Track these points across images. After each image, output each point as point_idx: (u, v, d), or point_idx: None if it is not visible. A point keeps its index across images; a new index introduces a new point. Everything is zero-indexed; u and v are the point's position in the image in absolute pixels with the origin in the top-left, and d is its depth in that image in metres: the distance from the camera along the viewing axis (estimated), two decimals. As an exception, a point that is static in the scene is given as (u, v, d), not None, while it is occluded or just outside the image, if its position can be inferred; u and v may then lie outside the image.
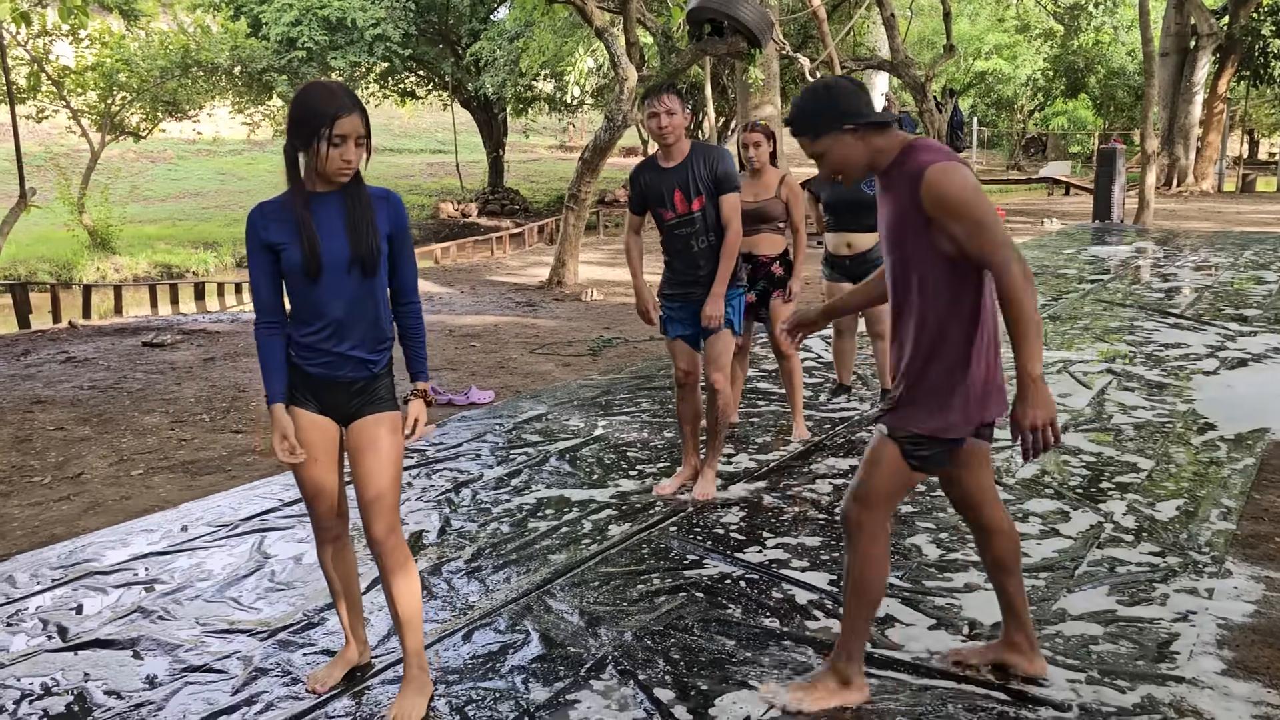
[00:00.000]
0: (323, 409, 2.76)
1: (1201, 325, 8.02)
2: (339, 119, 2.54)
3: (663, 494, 4.49)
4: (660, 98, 4.10)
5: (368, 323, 2.70)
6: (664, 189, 4.22)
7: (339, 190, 2.66)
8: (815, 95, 2.59)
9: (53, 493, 4.77)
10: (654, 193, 4.26)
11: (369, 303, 2.70)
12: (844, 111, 2.55)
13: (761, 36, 10.72)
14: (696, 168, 4.18)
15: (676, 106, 4.11)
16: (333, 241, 2.63)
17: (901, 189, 2.55)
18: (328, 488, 2.83)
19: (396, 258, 2.75)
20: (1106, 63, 33.60)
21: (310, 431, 2.75)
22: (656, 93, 4.11)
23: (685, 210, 4.21)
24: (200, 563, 3.88)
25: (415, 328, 2.83)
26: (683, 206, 4.21)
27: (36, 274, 17.92)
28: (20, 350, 8.43)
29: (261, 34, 22.90)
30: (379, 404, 2.76)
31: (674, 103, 4.11)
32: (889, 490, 2.68)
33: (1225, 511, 4.15)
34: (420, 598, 2.86)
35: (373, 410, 2.75)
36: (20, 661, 3.14)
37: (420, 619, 2.86)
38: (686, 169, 4.18)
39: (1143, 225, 16.33)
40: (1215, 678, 2.90)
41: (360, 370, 2.72)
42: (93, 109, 20.70)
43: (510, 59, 23.10)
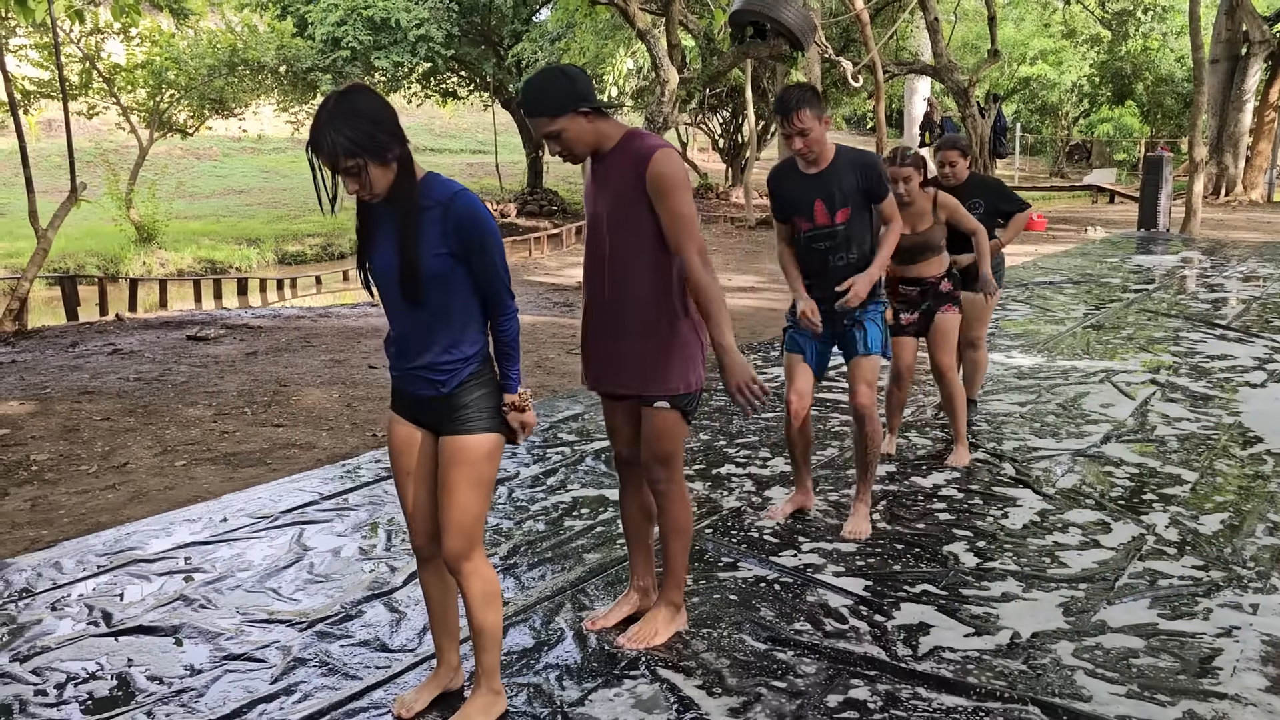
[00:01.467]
0: (416, 420, 2.67)
1: (1249, 337, 7.88)
2: (316, 153, 2.41)
3: (774, 518, 4.20)
4: (791, 119, 3.66)
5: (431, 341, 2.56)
6: (804, 198, 3.84)
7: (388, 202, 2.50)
8: (555, 78, 2.79)
9: (99, 481, 4.86)
10: (792, 203, 3.88)
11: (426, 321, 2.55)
12: (580, 95, 2.77)
13: (804, 39, 10.69)
14: (843, 176, 3.79)
15: (810, 121, 3.67)
16: (385, 256, 2.53)
17: (626, 169, 2.83)
18: (417, 503, 2.71)
19: (472, 267, 2.53)
20: (1155, 69, 33.11)
21: (399, 441, 2.68)
22: (786, 113, 3.67)
23: (827, 222, 3.82)
24: (241, 553, 3.93)
25: (502, 336, 2.63)
26: (824, 218, 3.82)
27: (85, 267, 18.24)
28: (69, 342, 8.60)
29: (307, 34, 23.16)
30: (457, 424, 2.59)
31: (807, 119, 3.66)
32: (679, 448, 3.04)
33: (1271, 526, 4.07)
34: (497, 618, 2.69)
35: (450, 430, 2.60)
36: (66, 645, 3.21)
37: (493, 638, 2.71)
38: (832, 177, 3.79)
39: (1189, 235, 16.07)
40: (1259, 694, 2.85)
41: (427, 389, 2.60)
42: (142, 106, 21.05)
43: (552, 60, 23.19)
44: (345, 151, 2.38)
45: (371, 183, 2.43)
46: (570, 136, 2.81)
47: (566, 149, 2.84)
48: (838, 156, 3.81)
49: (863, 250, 3.87)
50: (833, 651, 3.10)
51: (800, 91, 3.69)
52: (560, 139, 2.81)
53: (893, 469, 4.83)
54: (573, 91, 2.77)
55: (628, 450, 3.16)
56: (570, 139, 2.81)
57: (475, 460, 2.60)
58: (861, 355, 3.95)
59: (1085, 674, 2.96)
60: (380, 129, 2.41)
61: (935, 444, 5.21)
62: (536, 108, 2.78)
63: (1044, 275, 11.51)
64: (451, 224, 2.48)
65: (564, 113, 2.77)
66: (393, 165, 2.44)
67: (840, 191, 3.79)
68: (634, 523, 3.26)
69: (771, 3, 10.47)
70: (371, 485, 4.67)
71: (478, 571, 2.65)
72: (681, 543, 3.13)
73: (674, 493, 3.07)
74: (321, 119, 2.38)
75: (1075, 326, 8.39)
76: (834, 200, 3.80)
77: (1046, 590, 3.51)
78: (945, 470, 4.80)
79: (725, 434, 5.43)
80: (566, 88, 2.77)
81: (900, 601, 3.44)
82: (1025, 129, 35.00)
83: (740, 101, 23.48)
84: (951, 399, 4.91)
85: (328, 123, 2.37)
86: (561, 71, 2.80)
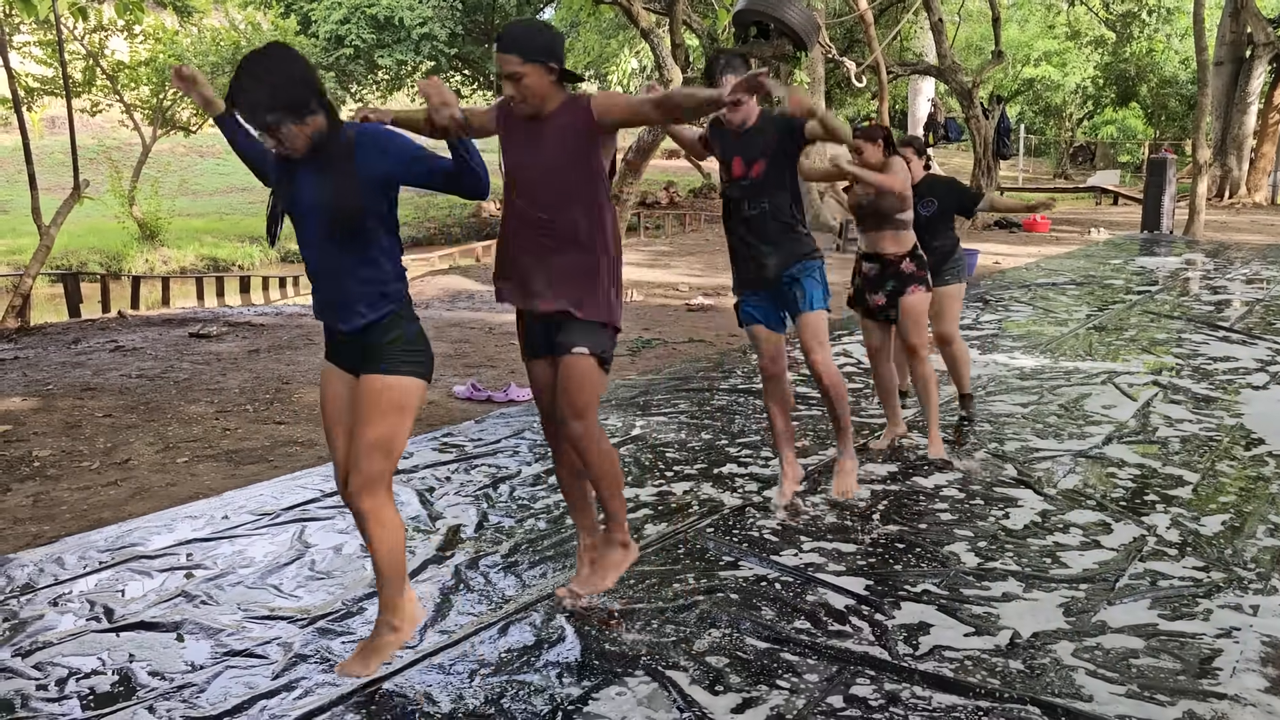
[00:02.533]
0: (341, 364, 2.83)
1: (1251, 339, 7.88)
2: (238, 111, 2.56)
3: (777, 506, 4.28)
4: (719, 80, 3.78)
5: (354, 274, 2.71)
6: (729, 153, 4.01)
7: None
8: (539, 28, 3.02)
9: (101, 478, 4.87)
10: (721, 155, 4.05)
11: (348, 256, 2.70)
12: (554, 53, 2.96)
13: (807, 39, 10.69)
14: (766, 131, 3.93)
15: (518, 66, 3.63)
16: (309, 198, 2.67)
17: (566, 127, 3.02)
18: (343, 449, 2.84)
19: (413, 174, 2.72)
20: (1159, 71, 33.08)
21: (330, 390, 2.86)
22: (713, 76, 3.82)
23: (743, 173, 3.97)
24: (242, 550, 3.94)
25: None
26: (741, 169, 3.98)
27: (87, 264, 18.28)
28: (71, 339, 8.61)
29: (310, 31, 23.21)
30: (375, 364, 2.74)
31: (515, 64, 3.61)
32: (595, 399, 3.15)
33: (1272, 528, 4.07)
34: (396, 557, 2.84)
35: (369, 370, 2.75)
36: (68, 641, 3.21)
37: (392, 576, 2.86)
38: (753, 133, 3.94)
39: (1192, 237, 16.06)
40: (1259, 695, 2.85)
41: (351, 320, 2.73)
42: (145, 103, 21.08)
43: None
44: (267, 107, 2.49)
45: (292, 137, 2.55)
46: (529, 83, 2.96)
47: (521, 95, 2.98)
48: (761, 116, 3.96)
49: (779, 202, 3.98)
50: (834, 651, 3.10)
51: (728, 57, 3.83)
52: (520, 82, 2.95)
53: (894, 469, 4.83)
54: (550, 46, 2.95)
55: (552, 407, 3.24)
56: (528, 85, 2.96)
57: (389, 399, 2.71)
58: (805, 313, 4.06)
59: (1085, 674, 2.96)
60: (296, 85, 2.51)
61: (937, 444, 5.21)
62: (513, 45, 2.93)
63: (1047, 276, 11.51)
64: (372, 152, 2.64)
65: (535, 60, 2.93)
66: (311, 120, 2.56)
67: (761, 146, 3.94)
68: (568, 486, 3.36)
69: (775, 3, 10.47)
70: (373, 483, 4.67)
71: (377, 513, 2.76)
72: (612, 488, 3.23)
73: (591, 442, 3.12)
74: (239, 81, 2.48)
75: (1078, 328, 8.39)
76: (750, 154, 3.96)
77: (1047, 590, 3.52)
78: (947, 471, 4.80)
79: (727, 433, 5.43)
80: (547, 40, 2.96)
81: (901, 601, 3.44)
82: (1029, 130, 34.96)
83: (743, 101, 23.45)
84: (924, 380, 4.92)
85: (245, 81, 2.48)
86: (546, 25, 2.99)
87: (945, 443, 5.10)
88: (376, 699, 2.88)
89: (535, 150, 3.08)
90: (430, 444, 5.30)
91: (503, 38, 2.94)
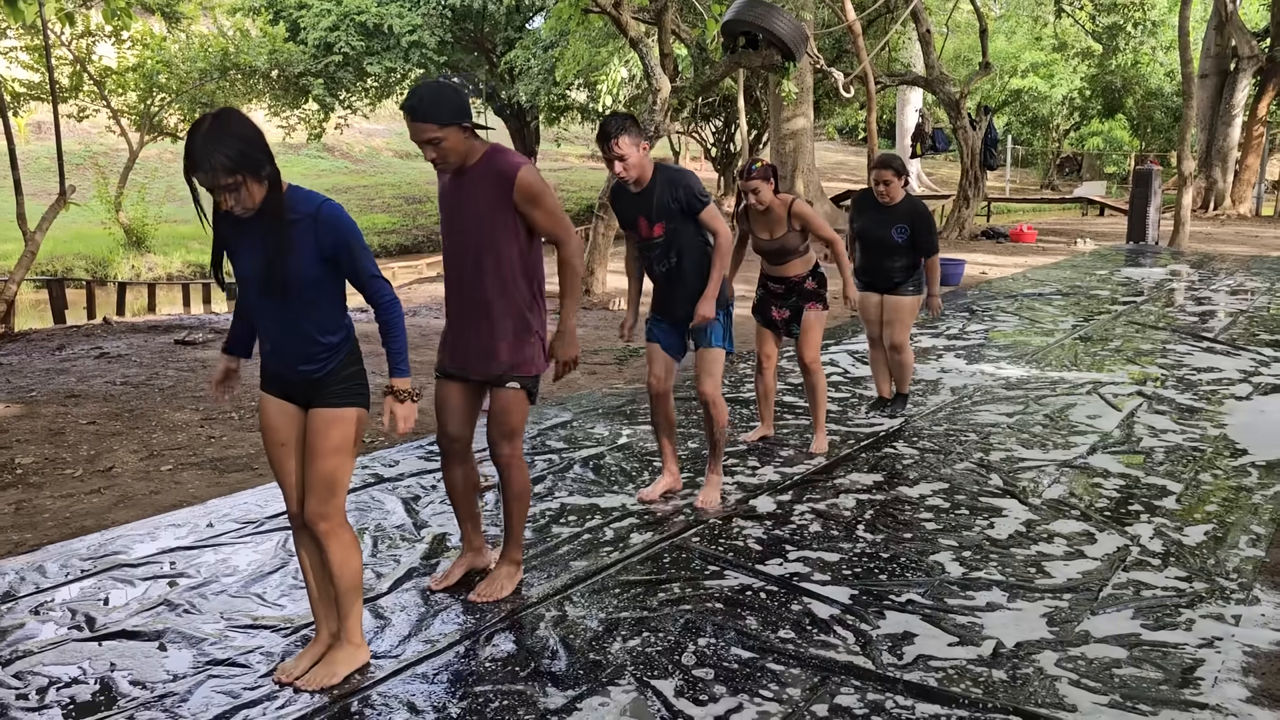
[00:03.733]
0: (288, 397, 2.94)
1: (1235, 350, 7.93)
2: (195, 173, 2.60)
3: (645, 499, 4.51)
4: (609, 145, 3.98)
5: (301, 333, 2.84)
6: (630, 214, 4.24)
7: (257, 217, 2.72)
8: (447, 91, 3.11)
9: (84, 485, 4.84)
10: (624, 218, 4.29)
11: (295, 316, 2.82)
12: (465, 112, 3.11)
13: (796, 50, 10.73)
14: (661, 194, 4.13)
15: (627, 148, 3.99)
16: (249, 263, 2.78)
17: (489, 182, 3.19)
18: (292, 473, 2.96)
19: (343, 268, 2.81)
20: (1144, 83, 33.31)
21: (271, 417, 2.96)
22: (605, 140, 3.99)
23: (648, 235, 4.21)
24: (226, 558, 3.92)
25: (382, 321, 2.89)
26: (645, 231, 4.21)
27: (73, 270, 18.18)
28: (55, 345, 8.56)
29: (300, 38, 23.16)
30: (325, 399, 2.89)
31: (624, 145, 3.99)
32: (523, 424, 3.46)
33: (1255, 538, 4.10)
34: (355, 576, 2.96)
35: (319, 404, 2.89)
36: (49, 650, 3.19)
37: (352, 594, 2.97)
38: (650, 195, 4.14)
39: (1178, 248, 16.16)
40: (1239, 705, 2.86)
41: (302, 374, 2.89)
42: (132, 109, 20.98)
43: (544, 68, 23.22)
44: (225, 169, 2.59)
45: (249, 197, 2.65)
46: (448, 146, 3.12)
47: (441, 157, 3.14)
48: (655, 175, 4.14)
49: (692, 254, 4.21)
50: (818, 660, 3.10)
51: (619, 120, 4.00)
52: (439, 146, 3.11)
53: (879, 479, 4.84)
54: (460, 107, 3.11)
55: (457, 428, 3.48)
56: (447, 148, 3.12)
57: (338, 430, 2.87)
58: (704, 348, 4.36)
59: (1069, 683, 2.97)
60: (253, 147, 2.62)
61: (923, 454, 5.23)
62: (426, 113, 3.07)
63: (1033, 287, 11.57)
64: (322, 233, 2.74)
65: (450, 124, 3.09)
66: (265, 181, 2.66)
67: (656, 208, 4.14)
68: (460, 492, 3.57)
69: (764, 13, 10.52)
70: (358, 491, 4.66)
71: (335, 533, 2.91)
72: (521, 507, 3.53)
73: (516, 463, 3.46)
74: (198, 142, 2.57)
75: (1064, 338, 8.43)
76: (651, 216, 4.17)
77: (1031, 600, 3.53)
78: (932, 480, 4.81)
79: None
80: (456, 102, 3.10)
81: (885, 610, 3.45)
82: (1016, 141, 35.17)
83: (733, 111, 23.54)
84: (814, 389, 5.30)
85: (206, 144, 2.57)
86: (450, 87, 3.13)
87: (930, 453, 5.16)
88: (359, 709, 2.86)
89: (460, 201, 3.27)
90: (416, 452, 5.28)
91: (415, 107, 3.07)
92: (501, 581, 3.56)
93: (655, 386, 4.43)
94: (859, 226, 5.80)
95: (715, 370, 4.37)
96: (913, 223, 5.63)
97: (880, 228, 5.65)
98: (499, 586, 3.55)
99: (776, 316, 5.29)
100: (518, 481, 3.48)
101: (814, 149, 19.76)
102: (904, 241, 5.63)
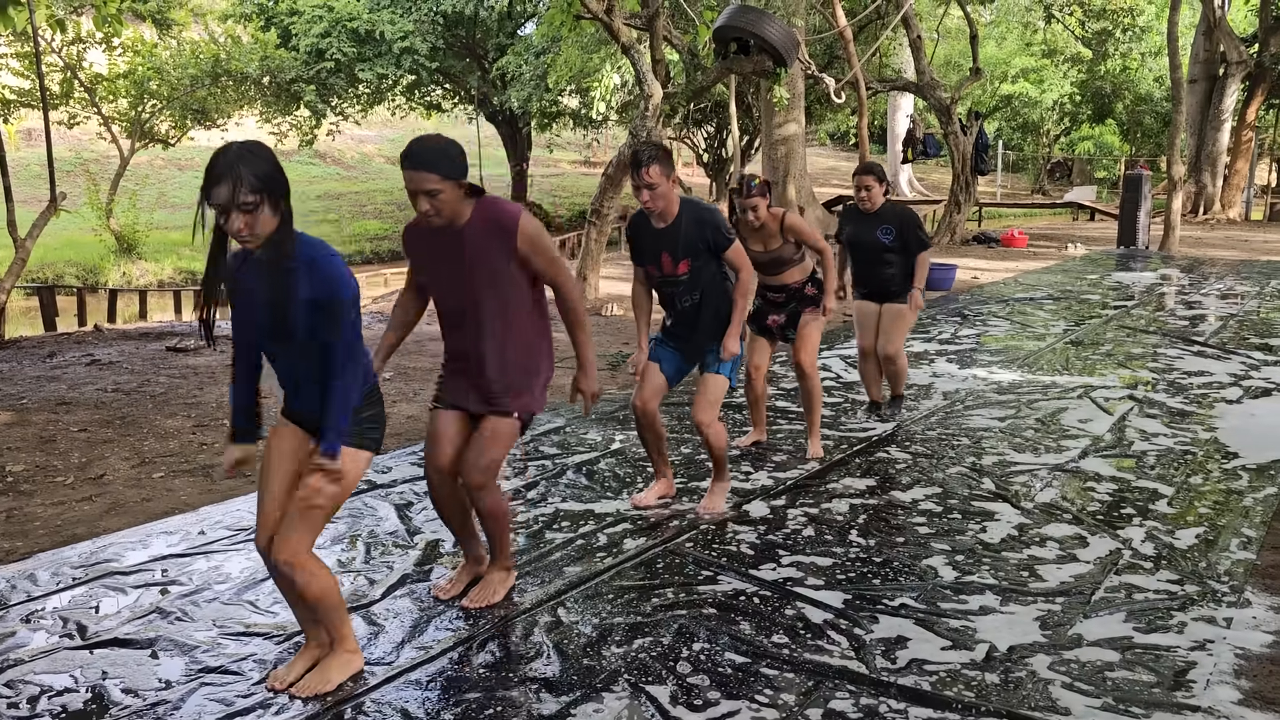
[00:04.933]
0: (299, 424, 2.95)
1: (1226, 354, 7.96)
2: (210, 191, 2.59)
3: (639, 504, 4.51)
4: (640, 172, 3.99)
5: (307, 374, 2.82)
6: (653, 250, 4.21)
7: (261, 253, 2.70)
8: (452, 148, 3.15)
9: (75, 493, 4.82)
10: (647, 252, 4.25)
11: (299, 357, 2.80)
12: (465, 170, 3.16)
13: (787, 56, 10.76)
14: (688, 232, 4.12)
15: (657, 177, 3.99)
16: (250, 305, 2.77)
17: (488, 233, 3.22)
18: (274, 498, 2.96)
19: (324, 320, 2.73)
20: (1134, 88, 33.47)
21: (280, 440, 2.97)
22: (637, 167, 3.99)
23: (671, 272, 4.19)
24: (218, 565, 3.91)
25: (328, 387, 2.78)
26: (669, 268, 4.19)
27: (63, 277, 18.13)
28: (46, 352, 8.53)
29: (291, 45, 23.14)
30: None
31: (655, 174, 3.98)
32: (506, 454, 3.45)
33: (1246, 541, 4.11)
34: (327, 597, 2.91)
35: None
36: (40, 658, 3.18)
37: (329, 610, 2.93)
38: (677, 232, 4.13)
39: (1168, 252, 16.23)
40: (1231, 707, 2.87)
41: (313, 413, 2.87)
42: (123, 116, 20.94)
43: (536, 74, 23.23)
44: (250, 185, 2.58)
45: (259, 223, 2.62)
46: (445, 199, 3.13)
47: (435, 209, 3.14)
48: (681, 213, 4.13)
49: (713, 291, 4.23)
50: (812, 665, 3.11)
51: (652, 149, 4.01)
52: (436, 199, 3.12)
53: (872, 483, 4.85)
54: (462, 165, 3.15)
55: (447, 462, 3.44)
56: (444, 201, 3.13)
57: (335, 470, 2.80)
58: (709, 374, 4.35)
59: (1061, 686, 2.97)
60: (279, 176, 2.63)
61: (915, 458, 5.24)
62: (431, 165, 3.09)
63: (1025, 291, 11.60)
64: (316, 281, 2.68)
65: (451, 178, 3.11)
66: (279, 215, 2.65)
67: (682, 246, 4.13)
68: (450, 512, 3.57)
69: (755, 19, 10.55)
70: (350, 498, 4.65)
71: (300, 565, 2.84)
72: (502, 525, 3.51)
73: (493, 487, 3.42)
74: (227, 159, 2.57)
75: (1055, 342, 8.45)
76: (676, 253, 4.15)
77: (1024, 604, 3.53)
78: (924, 485, 4.82)
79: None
80: (459, 159, 3.14)
81: (879, 615, 3.45)
82: (1007, 146, 35.27)
83: (724, 117, 23.56)
84: (810, 394, 5.27)
85: (235, 161, 2.57)
86: (453, 142, 3.16)
87: (923, 457, 5.18)
88: (352, 716, 2.86)
89: (457, 254, 3.27)
90: (409, 459, 5.28)
91: (415, 156, 3.08)
92: (495, 587, 3.58)
93: (640, 408, 4.36)
94: (848, 235, 5.94)
95: (715, 398, 4.34)
96: (899, 224, 5.74)
97: (867, 233, 5.81)
98: (492, 592, 3.56)
99: (772, 323, 5.31)
100: (492, 504, 3.43)
101: (806, 154, 19.80)
102: (891, 242, 5.73)
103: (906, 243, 5.78)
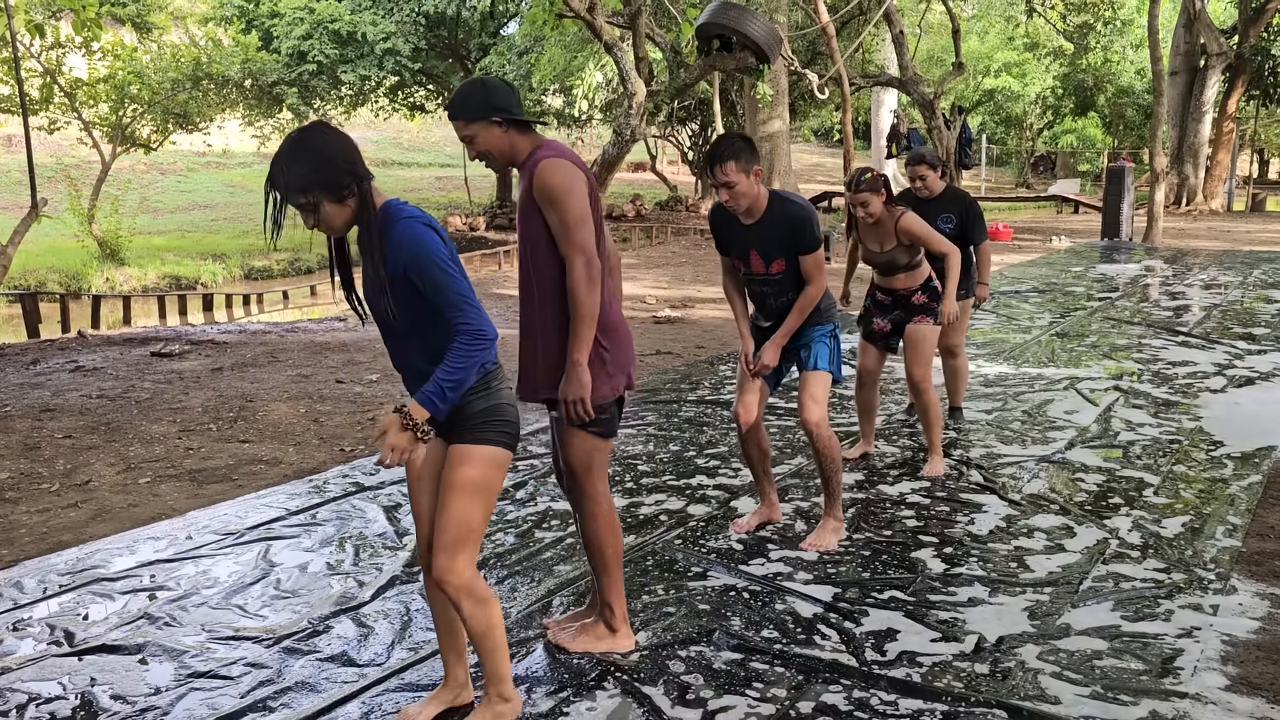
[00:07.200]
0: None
1: (1209, 343, 8.01)
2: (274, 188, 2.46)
3: (739, 530, 4.17)
4: (715, 170, 3.64)
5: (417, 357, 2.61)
6: (740, 246, 3.89)
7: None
8: (474, 87, 2.92)
9: (61, 500, 4.79)
10: (734, 247, 3.93)
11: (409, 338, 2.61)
12: (494, 105, 2.88)
13: (770, 52, 10.76)
14: (776, 228, 3.77)
15: (735, 175, 3.61)
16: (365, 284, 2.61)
17: (527, 180, 2.92)
18: (423, 510, 2.74)
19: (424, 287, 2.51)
20: (1115, 81, 33.65)
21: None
22: (711, 164, 3.66)
23: (762, 271, 3.87)
24: (206, 570, 3.89)
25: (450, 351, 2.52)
26: (759, 267, 3.86)
27: (46, 284, 17.99)
28: (29, 359, 8.48)
29: (273, 47, 23.06)
30: (459, 433, 2.62)
31: (731, 172, 3.61)
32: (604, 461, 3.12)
33: (1231, 529, 4.14)
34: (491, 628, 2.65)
35: (455, 439, 2.64)
36: (27, 666, 3.16)
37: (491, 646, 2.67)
38: (764, 229, 3.79)
39: (1151, 243, 16.32)
40: (1219, 693, 2.89)
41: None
42: (104, 121, 20.81)
43: (520, 73, 23.22)
44: (296, 189, 2.44)
45: (327, 218, 2.48)
46: (481, 142, 2.92)
47: (481, 153, 2.96)
48: (770, 208, 3.77)
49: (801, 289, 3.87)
50: (802, 659, 3.11)
51: (729, 143, 3.64)
52: (473, 143, 2.93)
53: (860, 477, 4.86)
54: (487, 101, 2.88)
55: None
56: (481, 144, 2.92)
57: (471, 470, 2.60)
58: (808, 370, 3.97)
59: (1050, 676, 2.99)
60: (330, 166, 2.44)
61: (903, 451, 5.25)
62: (454, 111, 2.93)
63: (1010, 284, 11.64)
64: (396, 248, 2.49)
65: (475, 119, 2.89)
66: (349, 202, 2.49)
67: (773, 246, 3.80)
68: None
69: (738, 16, 10.55)
70: (339, 500, 4.64)
71: (463, 586, 2.59)
72: (614, 549, 3.14)
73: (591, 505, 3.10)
74: (275, 161, 2.45)
75: (1041, 334, 8.49)
76: (768, 254, 3.82)
77: (1012, 595, 3.55)
78: (913, 478, 4.83)
79: (695, 445, 5.44)
80: (482, 97, 2.89)
81: (869, 608, 3.46)
82: (990, 140, 35.41)
83: (709, 114, 23.59)
84: (925, 410, 4.91)
85: (281, 160, 2.44)
86: (482, 82, 2.95)
87: (910, 451, 5.19)
88: (344, 718, 2.85)
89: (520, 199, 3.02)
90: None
91: (450, 106, 2.94)
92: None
93: (744, 417, 3.97)
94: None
95: (820, 395, 3.96)
96: (962, 210, 5.42)
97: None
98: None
99: (878, 328, 4.99)
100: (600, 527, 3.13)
101: (790, 151, 19.83)
102: (952, 231, 5.36)
103: (967, 232, 5.43)
